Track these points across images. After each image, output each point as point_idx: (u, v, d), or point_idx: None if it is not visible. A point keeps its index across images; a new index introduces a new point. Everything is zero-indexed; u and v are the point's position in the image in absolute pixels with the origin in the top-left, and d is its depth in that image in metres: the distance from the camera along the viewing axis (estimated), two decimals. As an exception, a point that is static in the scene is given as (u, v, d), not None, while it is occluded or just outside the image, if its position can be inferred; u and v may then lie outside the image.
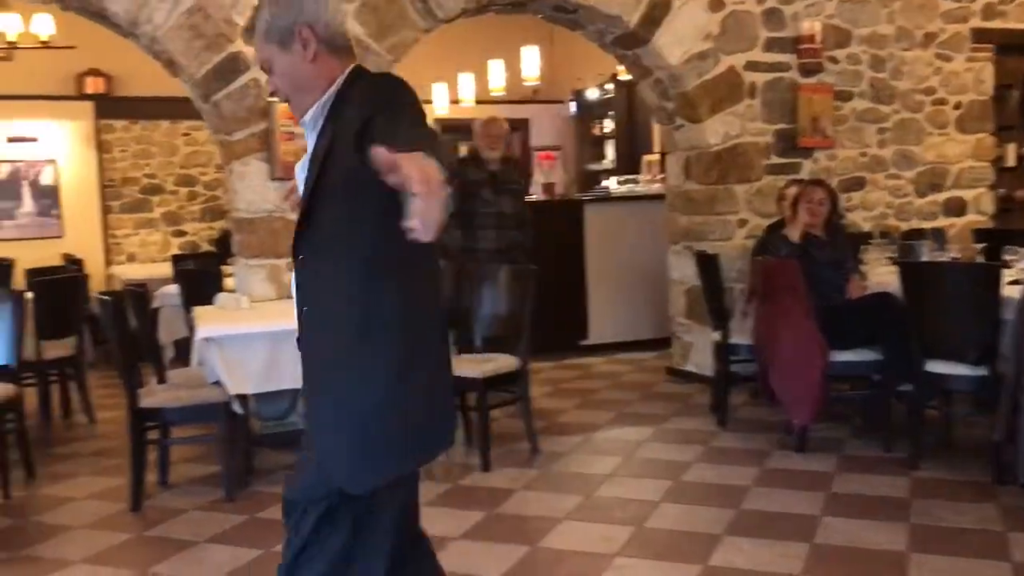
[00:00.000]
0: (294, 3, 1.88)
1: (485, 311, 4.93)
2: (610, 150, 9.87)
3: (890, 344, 4.35)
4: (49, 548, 3.66)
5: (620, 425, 5.17)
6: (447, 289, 5.49)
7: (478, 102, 9.71)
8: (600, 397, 5.87)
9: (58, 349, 5.60)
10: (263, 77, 4.94)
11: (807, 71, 6.14)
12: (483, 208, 5.65)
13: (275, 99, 4.91)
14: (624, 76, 8.32)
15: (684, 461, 4.44)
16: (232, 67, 4.88)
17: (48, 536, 3.79)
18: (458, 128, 10.79)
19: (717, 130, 5.96)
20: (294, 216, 1.99)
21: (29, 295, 5.13)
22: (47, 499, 4.28)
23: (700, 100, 5.89)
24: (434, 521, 3.76)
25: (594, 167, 10.14)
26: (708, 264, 5.11)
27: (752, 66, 6.00)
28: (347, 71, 1.92)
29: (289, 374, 4.13)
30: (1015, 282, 4.13)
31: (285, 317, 4.32)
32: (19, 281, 7.33)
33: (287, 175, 4.84)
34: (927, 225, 6.47)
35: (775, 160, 6.11)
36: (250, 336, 4.12)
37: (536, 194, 8.15)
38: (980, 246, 5.22)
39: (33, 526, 3.93)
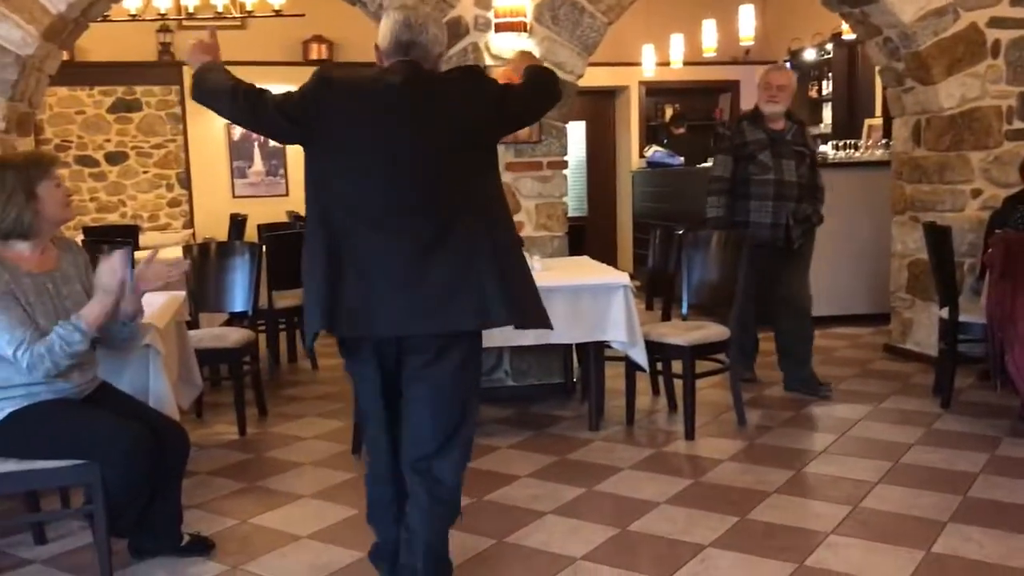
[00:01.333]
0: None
1: (694, 277, 4.85)
2: (827, 113, 9.39)
3: None
4: (281, 481, 3.96)
5: (833, 402, 4.96)
6: (654, 254, 5.43)
7: (686, 63, 9.52)
8: (810, 371, 5.65)
9: (287, 299, 6.01)
10: (482, 41, 5.05)
11: (1062, 27, 5.58)
12: (758, 174, 4.93)
13: (493, 64, 5.01)
14: (848, 35, 7.88)
15: (903, 442, 4.21)
16: (453, 32, 4.99)
17: (280, 470, 4.10)
18: (663, 91, 10.67)
19: (952, 92, 5.53)
20: None
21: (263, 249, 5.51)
22: (277, 437, 4.62)
23: (934, 60, 5.48)
24: (637, 484, 3.80)
25: (809, 131, 9.69)
26: (939, 236, 4.77)
27: (997, 23, 5.50)
28: None
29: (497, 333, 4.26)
30: None
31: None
32: (251, 235, 7.91)
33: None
34: None
35: (1019, 125, 5.59)
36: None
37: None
38: None
39: (266, 461, 4.26)
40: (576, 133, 10.56)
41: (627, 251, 10.49)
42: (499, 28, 4.99)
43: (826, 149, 8.10)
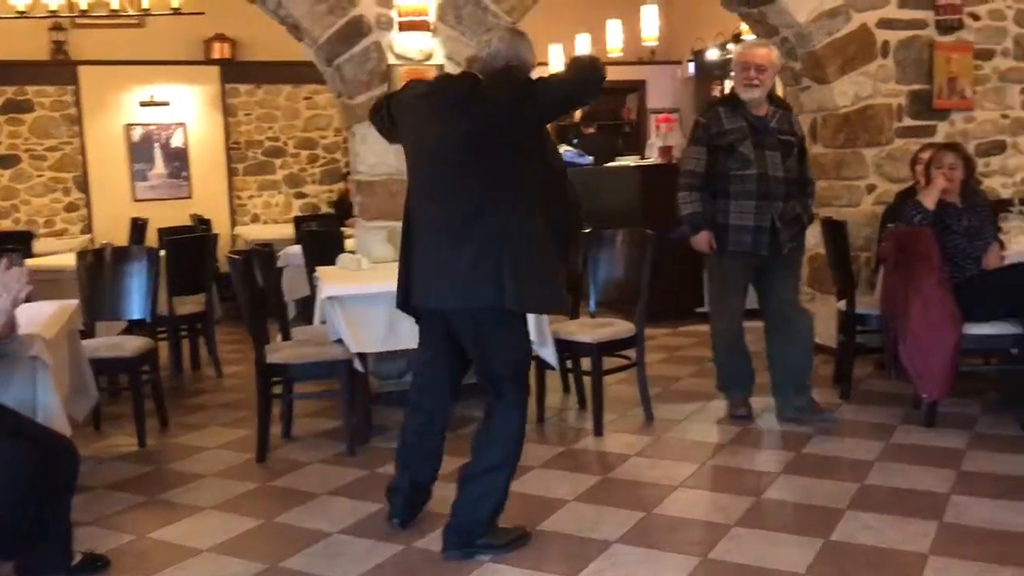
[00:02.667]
0: None
1: (601, 275, 4.89)
2: (730, 113, 9.58)
3: (1032, 318, 4.11)
4: (183, 494, 3.84)
5: (737, 394, 5.05)
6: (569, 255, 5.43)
7: (594, 64, 9.59)
8: (716, 365, 5.74)
9: (188, 305, 5.86)
10: (384, 40, 4.99)
11: (945, 29, 5.80)
12: (738, 169, 4.24)
13: (396, 63, 4.96)
14: (747, 35, 8.04)
15: (805, 433, 4.32)
16: (355, 31, 4.92)
17: (181, 483, 3.97)
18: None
19: (846, 91, 5.71)
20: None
21: (163, 253, 5.35)
22: (179, 448, 4.49)
23: (829, 60, 5.65)
24: (547, 482, 3.80)
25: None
26: (835, 231, 4.92)
27: (886, 24, 5.71)
28: None
29: (407, 335, 4.20)
30: None
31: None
32: (152, 239, 7.67)
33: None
34: (1074, 192, 6.08)
35: (908, 123, 5.82)
36: (372, 296, 4.18)
37: (653, 157, 8.01)
38: None
39: (167, 473, 4.13)
40: (486, 133, 10.53)
41: (539, 250, 10.52)
42: (403, 27, 4.93)
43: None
